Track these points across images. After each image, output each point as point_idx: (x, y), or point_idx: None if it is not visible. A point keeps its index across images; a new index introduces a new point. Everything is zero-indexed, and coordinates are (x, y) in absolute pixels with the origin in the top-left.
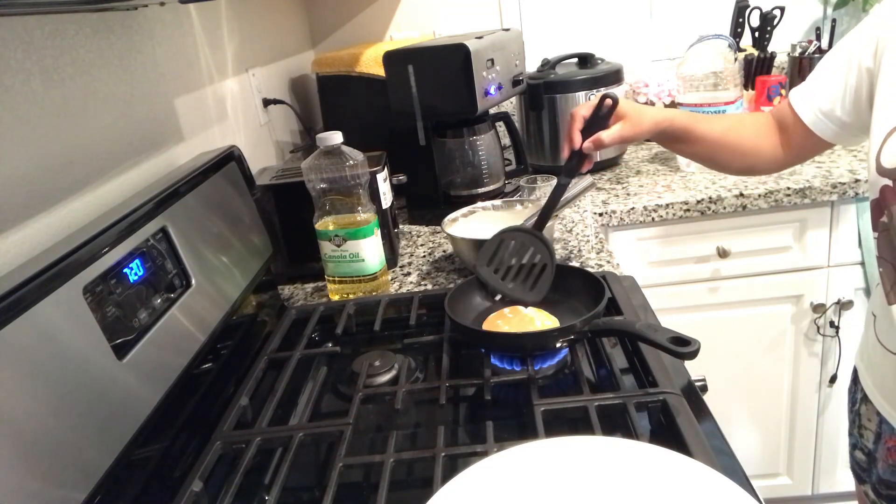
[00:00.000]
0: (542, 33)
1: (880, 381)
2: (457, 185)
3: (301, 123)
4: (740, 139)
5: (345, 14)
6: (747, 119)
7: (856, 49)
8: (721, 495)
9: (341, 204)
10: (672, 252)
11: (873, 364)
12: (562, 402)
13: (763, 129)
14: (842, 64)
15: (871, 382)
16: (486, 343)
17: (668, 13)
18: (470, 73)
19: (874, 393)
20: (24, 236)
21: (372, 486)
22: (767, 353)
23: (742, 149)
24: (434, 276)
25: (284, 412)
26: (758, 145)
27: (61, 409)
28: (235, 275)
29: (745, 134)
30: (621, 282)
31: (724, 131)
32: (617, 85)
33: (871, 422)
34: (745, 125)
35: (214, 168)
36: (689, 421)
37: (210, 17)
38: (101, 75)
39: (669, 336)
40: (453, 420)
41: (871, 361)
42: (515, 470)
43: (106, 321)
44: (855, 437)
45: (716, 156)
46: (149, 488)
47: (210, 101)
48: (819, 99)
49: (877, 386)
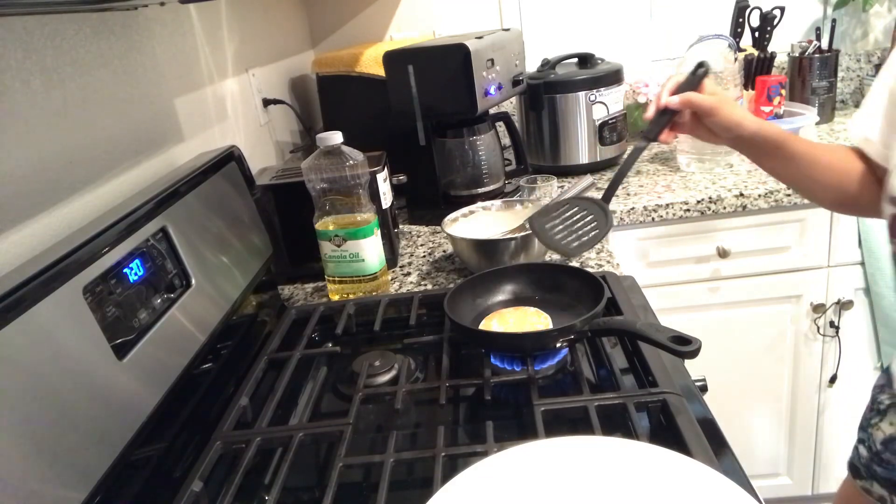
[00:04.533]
0: (542, 33)
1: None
2: (457, 185)
3: (301, 123)
4: (845, 164)
5: (345, 14)
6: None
7: (887, 76)
8: (721, 495)
9: (341, 204)
10: (672, 252)
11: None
12: (562, 402)
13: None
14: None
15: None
16: (486, 343)
17: (668, 13)
18: (470, 73)
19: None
20: (24, 236)
21: (372, 486)
22: (767, 353)
23: (846, 173)
24: (434, 276)
25: (284, 412)
26: (863, 173)
27: (61, 409)
28: (235, 275)
29: (848, 160)
30: (621, 282)
31: (825, 153)
32: (617, 85)
33: (892, 426)
34: (846, 152)
35: (214, 168)
36: (689, 421)
37: (210, 17)
38: (101, 75)
39: (670, 335)
40: (453, 420)
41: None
42: (515, 470)
43: (106, 321)
44: (868, 433)
45: (813, 177)
46: (149, 488)
47: (210, 101)
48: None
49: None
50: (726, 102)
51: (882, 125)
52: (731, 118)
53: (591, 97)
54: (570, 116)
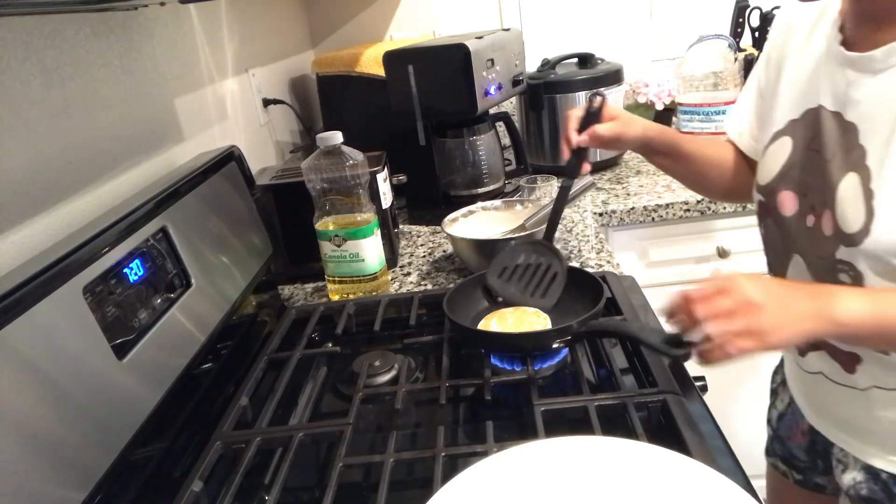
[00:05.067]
0: (542, 33)
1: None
2: (457, 185)
3: (301, 123)
4: (725, 158)
5: (345, 14)
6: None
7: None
8: (721, 495)
9: (341, 204)
10: (672, 252)
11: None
12: (562, 402)
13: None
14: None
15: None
16: (486, 343)
17: (668, 13)
18: (470, 73)
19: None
20: (24, 236)
21: (372, 486)
22: (767, 353)
23: (727, 167)
24: (434, 276)
25: (284, 412)
26: (741, 165)
27: (61, 409)
28: (235, 275)
29: (728, 154)
30: (621, 282)
31: (709, 150)
32: (617, 85)
33: (782, 403)
34: (726, 147)
35: (214, 168)
36: (689, 421)
37: (210, 17)
38: (101, 75)
39: (665, 338)
40: (453, 420)
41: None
42: (515, 470)
43: (106, 321)
44: (770, 414)
45: (702, 172)
46: (149, 488)
47: (210, 101)
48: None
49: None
50: (627, 123)
51: (751, 121)
52: (635, 136)
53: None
54: None
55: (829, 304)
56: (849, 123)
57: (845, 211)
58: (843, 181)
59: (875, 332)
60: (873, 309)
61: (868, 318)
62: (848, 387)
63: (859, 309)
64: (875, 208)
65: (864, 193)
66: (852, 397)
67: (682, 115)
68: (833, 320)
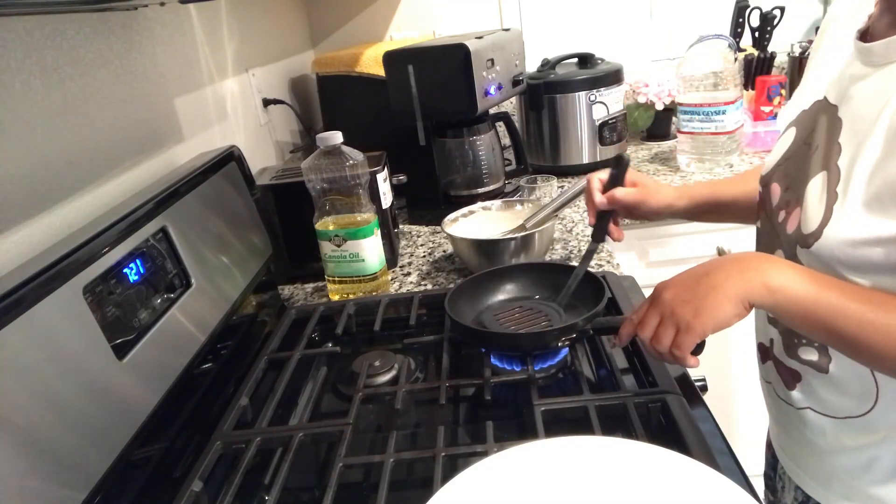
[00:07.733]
0: (542, 33)
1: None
2: (457, 185)
3: (301, 123)
4: (751, 188)
5: (345, 14)
6: (749, 172)
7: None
8: (721, 495)
9: (341, 204)
10: (672, 252)
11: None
12: (562, 402)
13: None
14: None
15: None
16: (486, 343)
17: (668, 13)
18: (470, 73)
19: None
20: (24, 236)
21: (372, 486)
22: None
23: (753, 194)
24: (434, 276)
25: (284, 412)
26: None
27: (61, 409)
28: (235, 275)
29: (752, 181)
30: (621, 282)
31: (750, 185)
32: (617, 85)
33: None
34: (749, 176)
35: (214, 168)
36: (689, 421)
37: (210, 17)
38: (101, 75)
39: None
40: (453, 420)
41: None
42: (515, 470)
43: (106, 321)
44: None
45: (754, 208)
46: (149, 488)
47: (210, 101)
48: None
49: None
50: (650, 192)
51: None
52: (659, 205)
53: (591, 97)
54: (570, 116)
55: (764, 270)
56: (838, 119)
57: (808, 210)
58: (813, 179)
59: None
60: (810, 278)
61: (801, 290)
62: (788, 404)
63: (794, 277)
64: (834, 211)
65: (828, 195)
66: (790, 416)
67: (681, 115)
68: (765, 284)
